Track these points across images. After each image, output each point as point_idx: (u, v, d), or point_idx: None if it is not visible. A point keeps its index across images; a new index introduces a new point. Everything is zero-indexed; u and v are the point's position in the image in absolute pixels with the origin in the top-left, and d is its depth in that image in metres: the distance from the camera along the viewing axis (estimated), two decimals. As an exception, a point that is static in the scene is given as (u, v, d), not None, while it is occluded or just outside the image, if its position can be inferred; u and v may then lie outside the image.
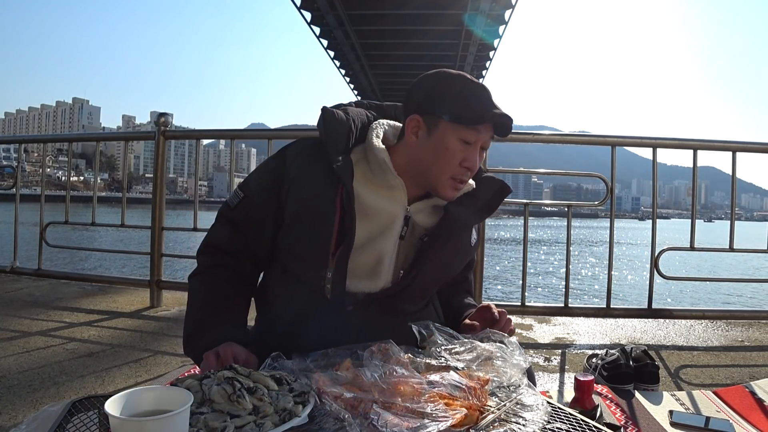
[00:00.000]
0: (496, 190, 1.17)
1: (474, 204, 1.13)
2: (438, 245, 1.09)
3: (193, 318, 1.08)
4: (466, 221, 1.12)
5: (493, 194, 1.16)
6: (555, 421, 0.79)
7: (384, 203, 1.06)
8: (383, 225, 1.07)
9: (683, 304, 8.56)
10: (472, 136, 1.03)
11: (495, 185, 1.18)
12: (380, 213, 1.06)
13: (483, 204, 1.15)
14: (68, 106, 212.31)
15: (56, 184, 47.99)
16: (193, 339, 1.04)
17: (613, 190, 2.81)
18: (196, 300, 1.10)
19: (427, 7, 37.49)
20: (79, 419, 0.80)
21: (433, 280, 1.16)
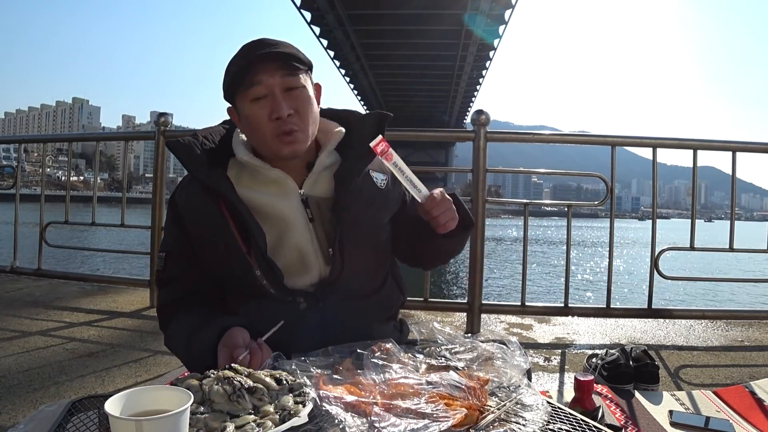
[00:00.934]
0: (375, 123, 1.14)
1: (357, 150, 1.11)
2: (343, 208, 1.07)
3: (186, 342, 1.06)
4: (354, 170, 1.09)
5: (374, 130, 1.11)
6: (555, 421, 0.79)
7: (273, 199, 1.07)
8: (284, 218, 1.07)
9: (683, 304, 8.57)
10: (255, 90, 1.04)
11: (373, 119, 1.15)
12: (275, 209, 1.07)
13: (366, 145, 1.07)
14: (68, 106, 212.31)
15: (56, 184, 47.99)
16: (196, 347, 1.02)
17: (613, 190, 2.81)
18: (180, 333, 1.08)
19: (427, 6, 37.45)
20: (78, 419, 0.80)
21: (366, 246, 1.12)
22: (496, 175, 19.99)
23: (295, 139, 1.06)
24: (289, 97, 1.05)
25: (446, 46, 43.91)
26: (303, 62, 1.08)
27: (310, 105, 1.08)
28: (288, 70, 1.05)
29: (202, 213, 1.08)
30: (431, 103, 69.48)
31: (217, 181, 1.05)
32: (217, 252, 1.08)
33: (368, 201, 1.11)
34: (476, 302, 2.76)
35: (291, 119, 1.05)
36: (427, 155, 78.21)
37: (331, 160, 1.12)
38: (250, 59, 1.03)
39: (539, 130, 4.64)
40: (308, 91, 1.08)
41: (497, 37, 39.78)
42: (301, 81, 1.06)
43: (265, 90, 1.04)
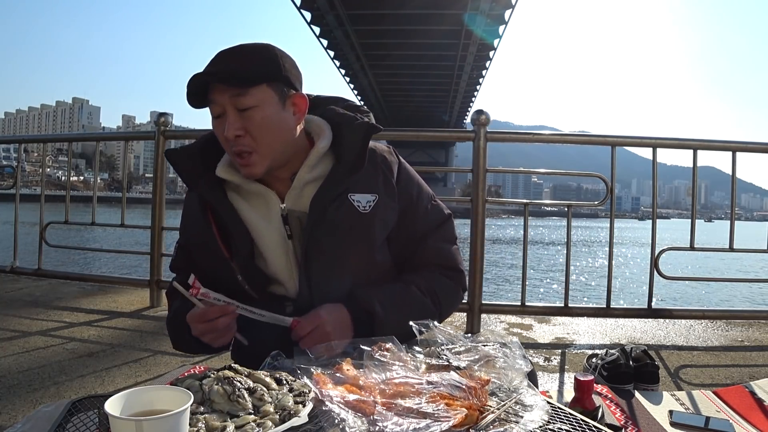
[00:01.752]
0: (363, 136, 1.06)
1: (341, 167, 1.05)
2: (310, 230, 1.03)
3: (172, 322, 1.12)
4: (329, 193, 1.03)
5: (361, 143, 1.06)
6: (555, 421, 0.79)
7: (251, 214, 1.06)
8: (263, 234, 1.06)
9: (683, 304, 8.56)
10: (211, 108, 1.02)
11: (360, 130, 1.07)
12: (251, 223, 1.06)
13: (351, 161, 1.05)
14: (68, 106, 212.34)
15: (56, 184, 48.01)
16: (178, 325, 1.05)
17: (613, 190, 2.81)
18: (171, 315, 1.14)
19: (427, 7, 37.49)
20: (78, 419, 0.80)
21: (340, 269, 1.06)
22: (496, 175, 20.02)
23: (248, 162, 1.01)
24: (241, 117, 0.99)
25: (446, 46, 43.93)
26: (253, 76, 0.98)
27: (265, 126, 1.00)
28: (236, 89, 0.98)
29: (194, 218, 1.10)
30: (431, 103, 69.49)
31: (206, 189, 1.06)
32: (205, 256, 1.09)
33: (342, 229, 1.04)
34: (476, 302, 2.76)
35: (241, 140, 0.99)
36: (427, 155, 78.20)
37: (314, 175, 1.06)
38: (202, 77, 0.99)
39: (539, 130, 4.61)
40: (264, 109, 0.99)
41: (497, 37, 39.80)
42: (253, 100, 0.98)
43: (219, 109, 1.00)
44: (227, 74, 0.98)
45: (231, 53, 1.00)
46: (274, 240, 1.06)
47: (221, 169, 1.08)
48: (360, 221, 1.05)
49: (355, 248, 1.06)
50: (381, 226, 1.08)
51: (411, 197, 1.13)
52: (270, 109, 1.00)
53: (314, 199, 1.04)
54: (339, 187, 1.04)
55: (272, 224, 1.06)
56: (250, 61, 0.99)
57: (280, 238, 1.06)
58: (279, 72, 1.01)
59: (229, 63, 0.99)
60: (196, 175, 1.09)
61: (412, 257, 1.14)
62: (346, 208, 1.04)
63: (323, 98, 1.19)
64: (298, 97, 1.05)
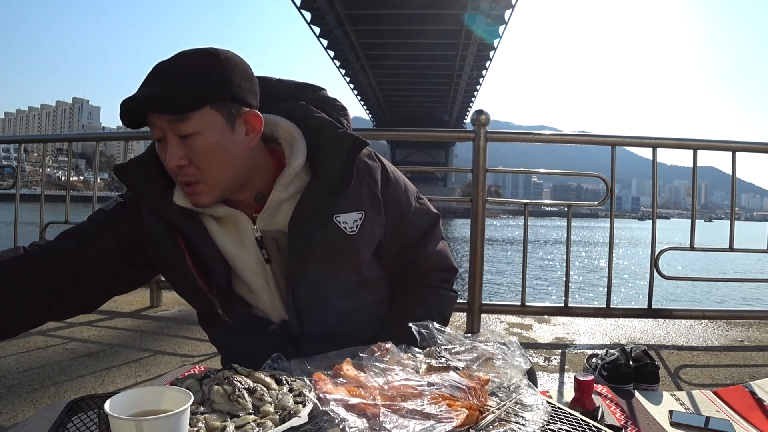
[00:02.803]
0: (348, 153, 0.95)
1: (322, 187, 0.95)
2: (295, 258, 0.94)
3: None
4: (312, 219, 0.94)
5: (345, 161, 0.95)
6: (555, 421, 0.79)
7: (223, 239, 0.96)
8: (238, 261, 0.97)
9: (683, 304, 8.56)
10: (153, 132, 0.89)
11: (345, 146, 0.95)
12: (228, 249, 0.96)
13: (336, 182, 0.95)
14: (68, 106, 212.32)
15: (56, 184, 48.00)
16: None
17: (613, 190, 2.81)
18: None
19: (427, 6, 37.52)
20: (78, 419, 0.80)
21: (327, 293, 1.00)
22: (496, 175, 20.03)
23: (195, 191, 0.91)
24: (183, 145, 0.87)
25: (446, 46, 43.94)
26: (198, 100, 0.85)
27: (211, 153, 0.88)
28: (174, 115, 0.85)
29: (160, 241, 0.97)
30: (431, 103, 69.50)
31: (173, 213, 0.93)
32: (176, 280, 1.02)
33: (328, 254, 0.96)
34: (476, 302, 2.76)
35: (185, 170, 0.89)
36: (427, 155, 78.23)
37: (289, 192, 0.95)
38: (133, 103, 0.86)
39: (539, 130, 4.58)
40: (209, 135, 0.87)
41: (497, 37, 39.81)
42: (194, 125, 0.86)
43: (159, 133, 0.88)
44: (161, 100, 0.84)
45: (166, 71, 0.86)
46: (251, 266, 0.97)
47: (179, 196, 0.94)
48: (348, 244, 0.97)
49: (343, 271, 1.00)
50: (368, 244, 1.02)
51: (400, 205, 1.06)
52: (215, 135, 0.87)
53: (294, 222, 0.94)
54: (322, 210, 0.94)
55: (247, 249, 0.96)
56: (189, 81, 0.85)
57: (257, 263, 0.97)
58: (224, 89, 0.87)
59: (165, 84, 0.85)
60: (157, 196, 0.94)
61: (409, 266, 1.10)
62: (331, 232, 0.95)
63: (288, 86, 1.05)
64: (251, 115, 0.91)
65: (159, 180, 0.96)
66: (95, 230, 1.02)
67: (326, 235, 0.95)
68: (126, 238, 1.00)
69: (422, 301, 1.08)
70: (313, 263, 0.96)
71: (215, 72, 0.87)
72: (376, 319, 1.08)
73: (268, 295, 1.00)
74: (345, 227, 0.96)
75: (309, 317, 1.00)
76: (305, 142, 0.97)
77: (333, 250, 0.96)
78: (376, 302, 1.09)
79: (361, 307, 1.05)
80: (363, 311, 1.06)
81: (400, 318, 0.96)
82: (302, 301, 0.98)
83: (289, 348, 0.98)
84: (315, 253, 0.95)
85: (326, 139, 0.96)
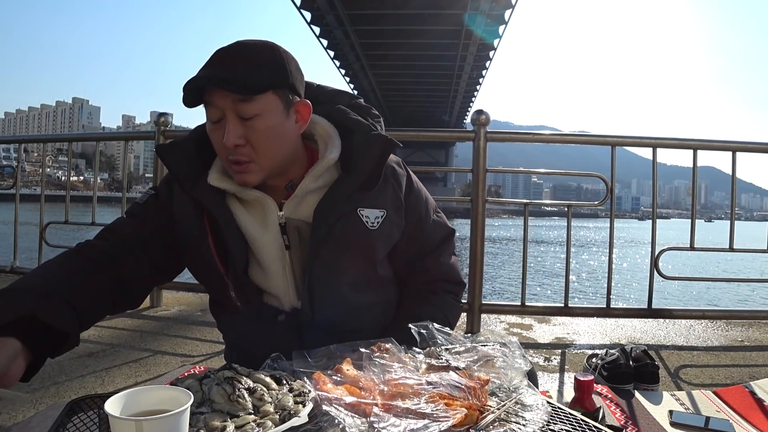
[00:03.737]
0: (380, 153, 1.01)
1: (351, 181, 1.00)
2: (316, 244, 0.98)
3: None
4: (338, 208, 0.98)
5: (377, 160, 1.01)
6: (555, 421, 0.79)
7: (248, 222, 1.00)
8: (259, 244, 1.00)
9: (683, 304, 8.57)
10: (209, 111, 0.94)
11: (377, 146, 1.01)
12: (247, 232, 1.00)
13: (365, 177, 1.00)
14: (68, 106, 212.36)
15: (56, 184, 47.99)
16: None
17: (613, 190, 2.81)
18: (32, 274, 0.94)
19: (427, 7, 37.50)
20: (78, 419, 0.80)
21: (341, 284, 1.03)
22: (496, 175, 20.03)
23: (245, 169, 0.96)
24: (243, 126, 0.93)
25: (446, 46, 43.94)
26: (260, 84, 0.92)
27: (268, 136, 0.94)
28: (241, 95, 0.91)
29: (187, 221, 1.02)
30: (431, 103, 69.49)
31: (205, 197, 0.98)
32: (197, 262, 1.05)
33: (349, 245, 1.00)
34: (476, 302, 2.76)
35: (240, 150, 0.94)
36: (427, 155, 78.21)
37: (318, 184, 1.01)
38: (191, 79, 0.91)
39: (539, 130, 4.57)
40: (269, 118, 0.93)
41: (497, 37, 39.81)
42: (257, 107, 0.92)
43: (219, 113, 0.93)
44: (232, 80, 0.90)
45: (235, 55, 0.93)
46: (271, 250, 1.00)
47: (214, 177, 1.00)
48: (367, 238, 1.01)
49: (359, 263, 1.04)
50: (385, 243, 1.06)
51: (420, 214, 1.11)
52: (274, 118, 0.94)
53: (319, 210, 0.98)
54: (348, 202, 0.99)
55: (269, 233, 1.00)
56: (258, 66, 0.92)
57: (277, 248, 1.01)
58: (286, 78, 0.95)
59: (234, 67, 0.91)
60: (192, 177, 1.01)
61: (420, 273, 1.13)
62: (354, 223, 1.00)
63: (326, 91, 1.12)
64: (302, 104, 0.99)
65: (195, 162, 1.02)
66: (134, 224, 1.06)
67: (348, 225, 1.00)
68: (161, 228, 1.04)
69: (428, 305, 1.10)
70: (331, 250, 0.99)
71: (278, 61, 0.95)
72: (383, 319, 1.10)
73: (282, 280, 1.02)
74: (367, 221, 1.01)
75: (320, 305, 1.02)
76: (340, 141, 1.03)
77: (352, 240, 1.00)
78: (385, 301, 1.11)
79: (371, 303, 1.08)
80: (372, 308, 1.09)
81: (404, 319, 0.98)
82: (316, 288, 1.01)
83: (294, 340, 1.01)
84: (335, 241, 0.99)
85: (360, 139, 1.03)
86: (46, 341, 0.85)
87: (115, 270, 0.99)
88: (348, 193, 0.99)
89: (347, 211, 0.99)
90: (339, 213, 0.99)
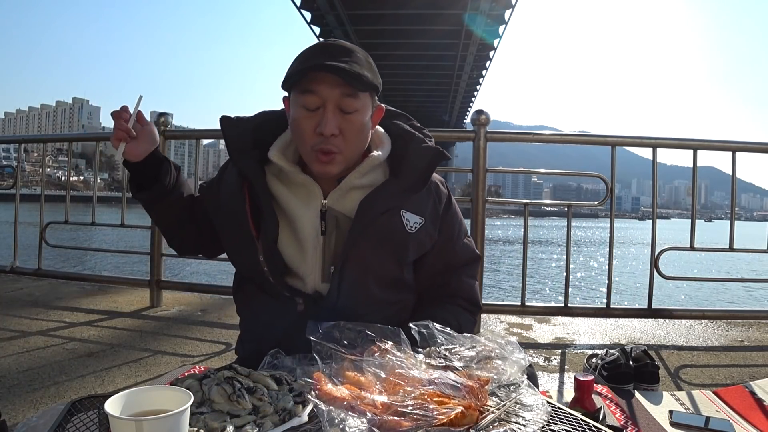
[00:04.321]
0: (429, 160, 1.09)
1: (398, 183, 1.06)
2: (356, 234, 1.03)
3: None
4: (383, 203, 1.04)
5: (426, 166, 1.08)
6: (555, 421, 0.79)
7: (292, 202, 1.07)
8: (297, 223, 1.06)
9: (683, 304, 8.56)
10: (308, 98, 0.99)
11: (428, 155, 1.09)
12: (290, 211, 1.06)
13: (412, 180, 1.07)
14: (68, 106, 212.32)
15: (56, 184, 47.98)
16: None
17: (613, 190, 2.81)
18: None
19: (427, 7, 37.50)
20: (79, 419, 0.80)
21: (369, 276, 1.07)
22: (496, 175, 20.04)
23: (331, 160, 1.02)
24: (341, 118, 1.00)
25: (446, 46, 43.93)
26: (369, 84, 1.00)
27: (360, 131, 1.02)
28: (349, 90, 0.98)
29: (230, 190, 1.09)
30: (431, 103, 69.49)
31: (248, 168, 1.06)
32: (232, 229, 1.10)
33: (386, 241, 1.05)
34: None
35: (334, 140, 1.00)
36: (427, 155, 78.14)
37: (362, 181, 1.07)
38: (315, 65, 0.97)
39: (539, 130, 4.55)
40: (363, 115, 1.02)
41: (497, 37, 39.80)
42: (358, 104, 1.00)
43: (319, 102, 0.99)
44: (351, 74, 0.97)
45: (348, 52, 1.00)
46: (307, 232, 1.06)
47: (275, 153, 1.07)
48: (403, 238, 1.06)
49: (389, 261, 1.08)
50: (418, 248, 1.10)
51: (453, 232, 1.16)
52: (366, 116, 1.03)
53: (366, 202, 1.04)
54: (393, 201, 1.05)
55: (309, 216, 1.06)
56: (366, 67, 1.02)
57: (313, 231, 1.06)
58: (380, 83, 1.06)
59: (350, 63, 0.98)
60: (241, 150, 1.08)
61: (441, 286, 1.17)
62: (395, 222, 1.05)
63: (389, 111, 1.20)
64: (379, 108, 1.09)
65: (248, 139, 1.09)
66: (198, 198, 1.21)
67: (389, 223, 1.05)
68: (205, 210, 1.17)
69: (443, 311, 1.13)
70: (368, 243, 1.04)
71: (374, 66, 1.06)
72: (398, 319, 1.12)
73: (312, 262, 1.06)
74: (407, 223, 1.07)
75: (346, 293, 1.06)
76: (392, 148, 1.11)
77: (390, 237, 1.06)
78: (403, 301, 1.16)
79: (391, 301, 1.12)
80: (390, 306, 1.12)
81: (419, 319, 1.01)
82: (346, 276, 1.05)
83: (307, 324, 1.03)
84: (374, 234, 1.04)
85: (413, 148, 1.09)
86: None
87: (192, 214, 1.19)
88: (394, 192, 1.05)
89: (392, 208, 1.05)
90: (385, 207, 1.04)
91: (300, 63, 1.00)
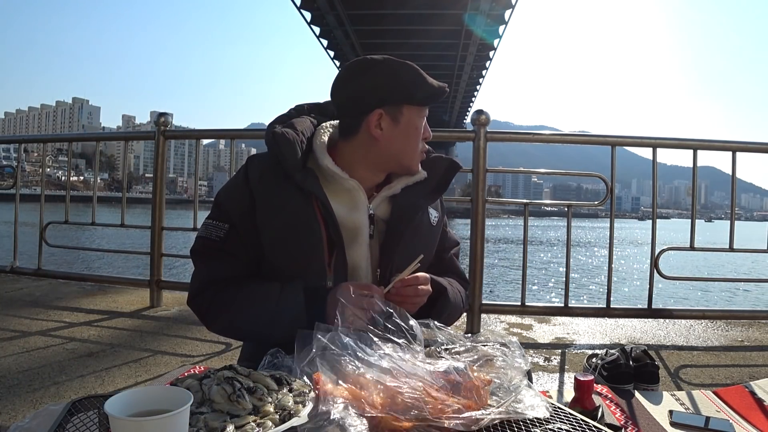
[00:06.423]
0: (446, 167, 1.23)
1: (423, 186, 1.18)
2: (397, 235, 1.12)
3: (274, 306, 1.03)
4: (417, 203, 1.16)
5: (443, 172, 1.22)
6: (555, 421, 0.79)
7: (346, 209, 1.10)
8: (352, 230, 1.10)
9: (683, 304, 8.56)
10: (426, 111, 1.15)
11: (444, 163, 1.23)
12: (348, 219, 1.10)
13: (434, 184, 1.20)
14: (68, 106, 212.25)
15: (56, 184, 47.99)
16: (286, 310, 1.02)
17: (613, 190, 2.81)
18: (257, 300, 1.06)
19: (427, 6, 37.53)
20: (79, 419, 0.80)
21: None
22: (496, 175, 20.03)
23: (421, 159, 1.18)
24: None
25: (446, 46, 43.94)
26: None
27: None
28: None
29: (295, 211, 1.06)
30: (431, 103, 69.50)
31: (312, 184, 1.06)
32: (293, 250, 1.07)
33: (418, 233, 1.16)
34: (476, 302, 2.76)
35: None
36: (427, 155, 78.21)
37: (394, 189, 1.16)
38: (444, 90, 1.14)
39: (539, 130, 4.54)
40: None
41: (497, 37, 39.81)
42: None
43: (426, 112, 1.15)
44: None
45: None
46: (361, 236, 1.11)
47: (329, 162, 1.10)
48: (431, 232, 1.20)
49: (427, 256, 1.17)
50: (437, 239, 1.24)
51: (445, 219, 1.30)
52: None
53: (405, 201, 1.15)
54: (426, 201, 1.18)
55: (361, 221, 1.11)
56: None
57: (366, 235, 1.12)
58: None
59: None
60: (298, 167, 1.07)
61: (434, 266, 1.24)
62: (426, 218, 1.19)
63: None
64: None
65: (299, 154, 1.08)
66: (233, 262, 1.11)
67: (423, 219, 1.17)
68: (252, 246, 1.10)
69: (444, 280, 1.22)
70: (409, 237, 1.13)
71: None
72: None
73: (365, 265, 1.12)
74: (431, 219, 1.20)
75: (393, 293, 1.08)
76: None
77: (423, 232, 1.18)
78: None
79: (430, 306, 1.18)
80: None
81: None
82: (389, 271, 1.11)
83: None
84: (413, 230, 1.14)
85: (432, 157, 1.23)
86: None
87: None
88: (424, 192, 1.18)
89: (423, 207, 1.18)
90: (421, 206, 1.16)
91: (419, 86, 1.10)
